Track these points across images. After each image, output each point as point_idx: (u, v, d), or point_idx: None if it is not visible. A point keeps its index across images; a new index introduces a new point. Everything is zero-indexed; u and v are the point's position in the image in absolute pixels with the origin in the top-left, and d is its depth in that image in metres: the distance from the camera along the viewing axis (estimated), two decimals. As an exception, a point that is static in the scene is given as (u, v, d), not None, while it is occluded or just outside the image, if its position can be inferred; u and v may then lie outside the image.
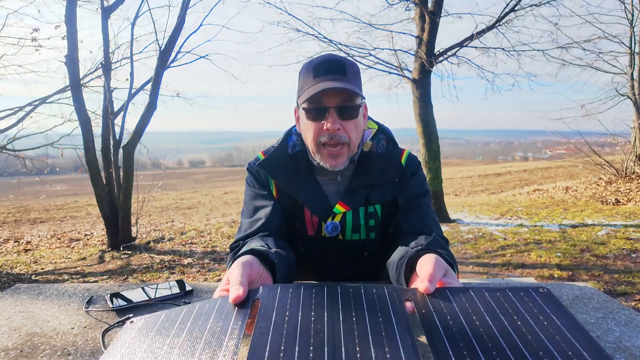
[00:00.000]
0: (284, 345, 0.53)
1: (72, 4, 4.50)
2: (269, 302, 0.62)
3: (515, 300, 0.64)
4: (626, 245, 4.11)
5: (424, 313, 0.61)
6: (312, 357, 0.50)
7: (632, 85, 9.16)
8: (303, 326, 0.57)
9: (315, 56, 1.08)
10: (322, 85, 0.92)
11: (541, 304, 0.63)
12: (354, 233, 1.05)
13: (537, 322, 0.58)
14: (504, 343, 0.54)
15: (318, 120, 0.96)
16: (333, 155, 0.97)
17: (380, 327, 0.58)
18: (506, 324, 0.58)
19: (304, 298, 0.64)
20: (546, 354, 0.51)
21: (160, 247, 5.22)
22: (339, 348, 0.52)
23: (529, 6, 5.90)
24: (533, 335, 0.55)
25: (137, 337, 0.61)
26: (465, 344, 0.53)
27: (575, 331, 0.56)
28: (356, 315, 0.60)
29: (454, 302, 0.63)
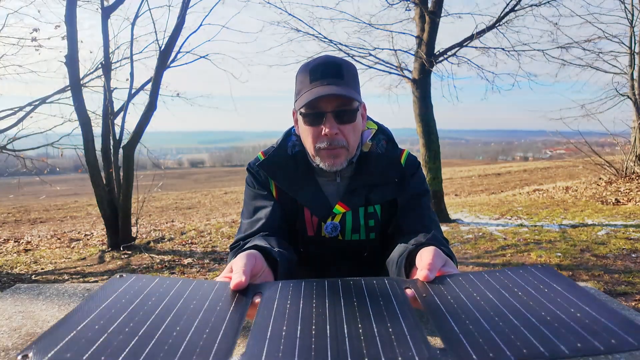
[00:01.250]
0: (286, 326, 0.52)
1: (72, 4, 4.50)
2: (270, 294, 0.63)
3: (515, 277, 0.64)
4: (626, 245, 4.11)
5: (424, 297, 0.61)
6: (314, 336, 0.50)
7: (632, 85, 9.16)
8: (305, 312, 0.57)
9: (312, 57, 1.07)
10: (318, 91, 0.92)
11: (541, 276, 0.63)
12: (353, 233, 1.05)
13: (541, 294, 0.58)
14: (511, 316, 0.53)
15: (315, 125, 0.96)
16: (332, 155, 0.97)
17: (381, 308, 0.58)
18: (510, 298, 0.57)
19: (305, 290, 0.64)
20: (556, 321, 0.50)
21: (160, 247, 5.22)
22: (341, 328, 0.52)
23: (529, 6, 5.90)
24: (539, 306, 0.54)
25: (124, 294, 0.60)
26: (471, 321, 0.53)
27: (579, 295, 0.55)
28: (357, 302, 0.60)
29: (454, 285, 0.64)
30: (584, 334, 0.46)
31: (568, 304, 0.53)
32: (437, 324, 0.53)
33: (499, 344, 0.46)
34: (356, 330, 0.52)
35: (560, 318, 0.50)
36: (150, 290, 0.62)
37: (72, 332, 0.50)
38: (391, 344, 0.49)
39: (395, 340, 0.49)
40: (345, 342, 0.49)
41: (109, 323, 0.53)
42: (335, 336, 0.50)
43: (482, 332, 0.49)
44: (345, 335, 0.50)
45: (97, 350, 0.47)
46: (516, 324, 0.50)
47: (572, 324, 0.48)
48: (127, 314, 0.55)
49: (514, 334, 0.48)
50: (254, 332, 0.51)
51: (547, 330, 0.48)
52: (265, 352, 0.48)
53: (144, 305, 0.57)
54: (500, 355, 0.44)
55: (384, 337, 0.50)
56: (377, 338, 0.50)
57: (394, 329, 0.52)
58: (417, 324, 0.53)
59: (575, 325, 0.48)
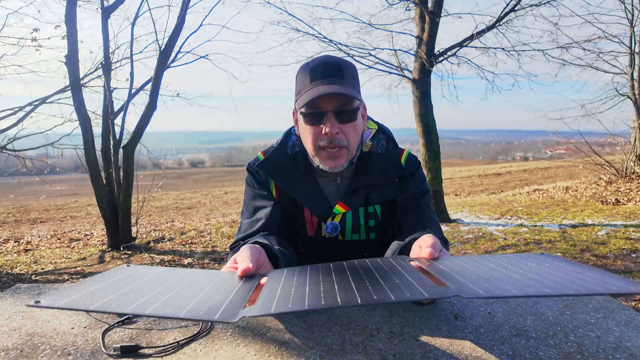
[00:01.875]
0: (295, 287, 0.54)
1: (72, 4, 4.50)
2: (276, 274, 0.65)
3: (516, 258, 0.67)
4: (626, 245, 4.11)
5: (429, 265, 0.64)
6: (323, 290, 0.51)
7: (632, 85, 9.15)
8: (312, 280, 0.58)
9: (312, 57, 1.08)
10: (318, 90, 0.92)
11: (541, 258, 0.66)
12: (353, 233, 1.05)
13: (542, 265, 0.60)
14: (517, 276, 0.55)
15: (316, 125, 0.96)
16: (332, 156, 0.97)
17: (388, 274, 0.59)
18: (514, 268, 0.60)
19: (310, 270, 0.66)
20: (559, 279, 0.53)
21: (160, 247, 5.22)
22: (348, 285, 0.54)
23: (529, 6, 5.90)
24: (542, 272, 0.57)
25: (132, 276, 0.61)
26: (478, 277, 0.55)
27: (579, 266, 0.58)
28: (364, 273, 0.62)
29: (459, 261, 0.67)
30: (585, 284, 0.50)
31: (569, 269, 0.56)
32: (444, 277, 0.55)
33: (504, 287, 0.50)
34: (363, 284, 0.53)
35: (563, 277, 0.53)
36: (158, 274, 0.64)
37: (83, 292, 0.52)
38: (397, 286, 0.50)
39: (402, 284, 0.51)
40: (353, 289, 0.50)
41: (117, 286, 0.54)
42: (343, 287, 0.52)
43: (487, 280, 0.53)
44: (353, 287, 0.52)
45: (107, 301, 0.48)
46: (520, 279, 0.53)
47: (573, 279, 0.52)
48: (137, 285, 0.56)
49: (517, 282, 0.51)
50: (264, 293, 0.53)
51: (549, 281, 0.51)
52: (276, 301, 0.49)
53: (153, 282, 0.59)
54: (504, 291, 0.47)
55: (391, 284, 0.52)
56: (384, 285, 0.51)
57: (401, 280, 0.53)
58: (422, 277, 0.54)
59: (576, 279, 0.52)
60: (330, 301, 0.46)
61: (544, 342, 0.70)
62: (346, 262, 0.69)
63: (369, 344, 0.70)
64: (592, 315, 0.81)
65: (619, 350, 0.67)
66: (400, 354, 0.67)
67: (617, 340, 0.70)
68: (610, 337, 0.72)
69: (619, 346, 0.69)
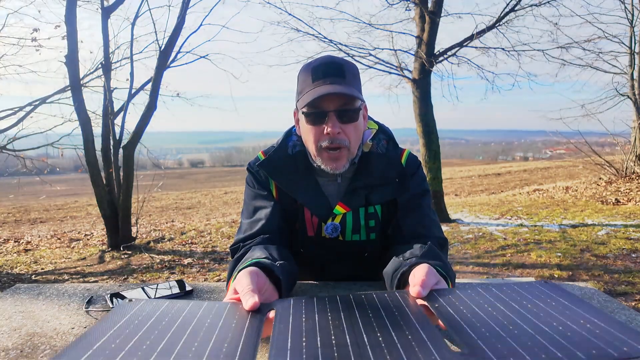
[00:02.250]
0: (306, 340, 0.52)
1: (72, 4, 4.50)
2: (284, 310, 0.62)
3: (522, 290, 0.64)
4: (626, 245, 4.11)
5: (437, 307, 0.61)
6: (336, 346, 0.50)
7: (632, 85, 9.16)
8: (322, 325, 0.56)
9: (314, 57, 1.08)
10: (320, 90, 0.92)
11: (547, 292, 0.62)
12: (354, 234, 1.05)
13: (549, 306, 0.57)
14: (524, 325, 0.52)
15: (318, 125, 0.96)
16: (333, 158, 0.97)
17: (397, 319, 0.58)
18: (520, 309, 0.57)
19: (318, 305, 0.64)
20: (569, 330, 0.50)
21: (160, 247, 5.22)
22: (360, 338, 0.52)
23: (529, 6, 5.90)
24: (550, 317, 0.54)
25: (136, 317, 0.59)
26: (486, 328, 0.53)
27: (587, 309, 0.55)
28: (372, 313, 0.60)
29: (464, 296, 0.64)
30: (596, 342, 0.46)
31: (577, 316, 0.53)
32: (453, 330, 0.53)
33: (517, 349, 0.46)
34: (376, 339, 0.51)
35: (572, 328, 0.50)
36: (162, 312, 0.61)
37: (88, 351, 0.50)
38: (413, 349, 0.48)
39: (417, 346, 0.49)
40: (367, 349, 0.49)
41: (124, 342, 0.52)
42: (356, 345, 0.50)
43: (499, 338, 0.49)
44: (366, 344, 0.50)
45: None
46: (530, 332, 0.50)
47: (584, 334, 0.49)
48: (142, 334, 0.54)
49: (530, 340, 0.48)
50: (274, 348, 0.50)
51: (561, 338, 0.48)
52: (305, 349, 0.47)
53: (158, 326, 0.57)
54: (519, 358, 0.44)
55: (404, 344, 0.50)
56: (398, 345, 0.49)
57: (413, 336, 0.51)
58: (435, 332, 0.52)
59: (587, 335, 0.48)
60: None
61: (544, 342, 0.70)
62: (355, 300, 0.66)
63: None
64: (592, 315, 0.81)
65: (619, 350, 0.67)
66: (400, 354, 0.67)
67: (617, 341, 0.70)
68: (611, 337, 0.72)
69: (619, 346, 0.68)
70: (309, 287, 0.99)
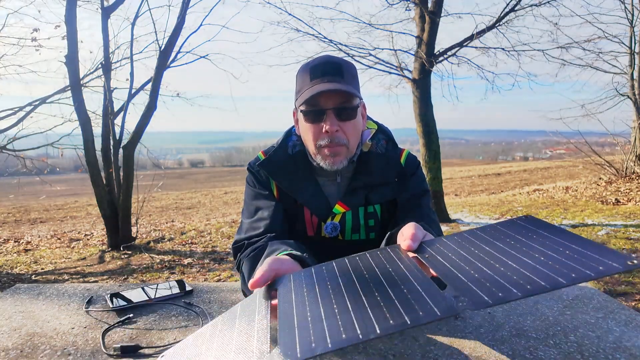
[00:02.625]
0: (310, 311, 0.54)
1: (72, 4, 4.50)
2: (285, 286, 0.65)
3: (504, 229, 0.67)
4: (626, 245, 4.11)
5: (427, 257, 0.64)
6: (339, 314, 0.52)
7: (632, 85, 9.16)
8: (323, 294, 0.59)
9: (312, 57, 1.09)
10: (318, 87, 0.92)
11: (528, 226, 0.66)
12: (353, 233, 1.05)
13: (530, 239, 0.60)
14: (509, 261, 0.55)
15: (316, 123, 0.96)
16: (332, 153, 0.97)
17: (392, 274, 0.60)
18: (504, 247, 0.60)
19: (316, 275, 0.67)
20: (549, 259, 0.53)
21: (160, 247, 5.22)
22: (360, 301, 0.54)
23: (529, 6, 5.90)
24: (531, 249, 0.57)
25: None
26: (474, 270, 0.56)
27: (564, 236, 0.58)
28: (368, 274, 0.62)
29: (451, 243, 0.67)
30: (575, 266, 0.50)
31: (556, 245, 0.56)
32: (445, 277, 0.56)
33: (504, 284, 0.50)
34: (374, 300, 0.53)
35: (552, 256, 0.54)
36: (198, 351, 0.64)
37: None
38: (409, 302, 0.51)
39: (413, 299, 0.51)
40: (368, 312, 0.50)
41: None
42: (358, 309, 0.52)
43: (487, 277, 0.53)
44: (366, 306, 0.52)
45: None
46: (515, 266, 0.54)
47: (563, 260, 0.52)
48: None
49: (515, 274, 0.52)
50: (282, 324, 0.53)
51: (543, 267, 0.52)
52: (298, 341, 0.48)
53: None
54: (508, 293, 0.48)
55: (402, 299, 0.52)
56: (396, 302, 0.52)
57: (408, 290, 0.54)
58: (429, 282, 0.55)
59: (567, 260, 0.52)
60: (350, 334, 0.47)
61: (544, 342, 0.70)
62: (350, 263, 0.68)
63: (369, 344, 0.70)
64: (592, 315, 0.81)
65: (619, 350, 0.67)
66: (400, 354, 0.67)
67: (617, 340, 0.70)
68: (610, 337, 0.72)
69: (619, 346, 0.68)
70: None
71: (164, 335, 0.77)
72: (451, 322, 0.79)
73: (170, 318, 0.85)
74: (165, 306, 0.91)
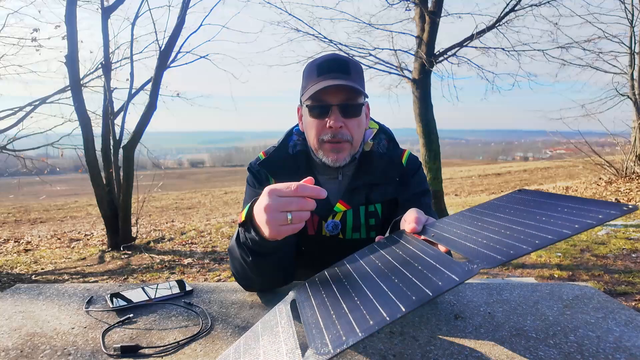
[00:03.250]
0: (333, 309, 0.55)
1: (72, 4, 4.50)
2: (302, 292, 0.66)
3: (502, 202, 0.69)
4: (626, 245, 4.11)
5: (433, 235, 0.65)
6: (362, 303, 0.53)
7: (632, 85, 9.15)
8: (341, 290, 0.60)
9: (314, 57, 1.09)
10: (325, 83, 0.93)
11: (524, 197, 0.67)
12: (354, 232, 1.05)
13: (529, 206, 0.62)
14: (513, 225, 0.57)
15: (321, 118, 0.96)
16: (335, 149, 0.98)
17: (403, 256, 0.61)
18: (506, 216, 0.62)
19: (330, 276, 0.68)
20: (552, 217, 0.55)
21: (160, 247, 5.22)
22: (377, 286, 0.55)
23: (529, 6, 5.90)
24: (533, 214, 0.59)
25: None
26: (482, 237, 0.57)
27: (561, 198, 0.60)
28: (380, 260, 0.64)
29: (453, 220, 0.68)
30: (576, 218, 0.52)
31: (555, 206, 0.59)
32: (454, 248, 0.57)
33: (513, 243, 0.52)
34: (392, 283, 0.54)
35: (553, 215, 0.56)
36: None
37: None
38: (427, 276, 0.52)
39: (429, 272, 0.52)
40: (389, 295, 0.51)
41: None
42: (379, 295, 0.52)
43: (495, 241, 0.54)
44: (386, 290, 0.53)
45: None
46: (519, 229, 0.56)
47: (564, 216, 0.54)
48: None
49: (522, 235, 0.54)
50: (308, 329, 0.53)
51: (547, 225, 0.54)
52: (329, 338, 0.49)
53: None
54: (518, 249, 0.50)
55: (419, 276, 0.53)
56: (413, 278, 0.52)
57: (422, 265, 0.55)
58: (438, 253, 0.56)
59: (567, 216, 0.54)
60: (378, 318, 0.47)
61: (544, 342, 0.70)
62: (362, 257, 0.69)
63: (368, 344, 0.70)
64: (592, 315, 0.81)
65: (619, 350, 0.67)
66: (400, 354, 0.67)
67: (617, 340, 0.70)
68: (610, 337, 0.72)
69: (619, 346, 0.68)
70: (309, 287, 0.99)
71: (164, 335, 0.77)
72: (451, 322, 0.79)
73: (170, 318, 0.85)
74: (165, 306, 0.91)
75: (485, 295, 0.91)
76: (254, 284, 0.94)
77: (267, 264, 0.84)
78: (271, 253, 0.82)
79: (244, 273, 0.89)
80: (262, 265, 0.84)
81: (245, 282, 0.94)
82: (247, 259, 0.83)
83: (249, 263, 0.84)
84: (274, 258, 0.83)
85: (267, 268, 0.86)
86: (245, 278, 0.92)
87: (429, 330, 0.75)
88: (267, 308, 0.88)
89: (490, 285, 0.97)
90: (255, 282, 0.91)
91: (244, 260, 0.84)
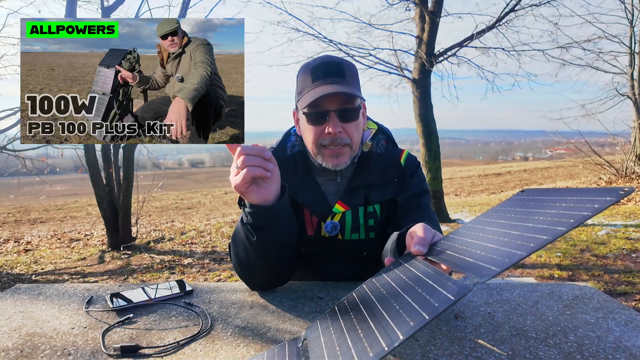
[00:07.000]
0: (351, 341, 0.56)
1: (72, 4, 4.51)
2: (314, 333, 0.66)
3: (504, 207, 0.69)
4: (626, 245, 4.11)
5: (436, 256, 0.66)
6: (364, 336, 0.53)
7: (632, 85, 9.15)
8: (347, 324, 0.60)
9: (313, 57, 1.09)
10: (321, 90, 0.92)
11: (525, 197, 0.68)
12: (353, 233, 1.05)
13: (530, 207, 0.62)
14: (511, 230, 0.57)
15: (319, 125, 0.96)
16: (335, 154, 0.97)
17: (402, 278, 0.62)
18: (506, 221, 0.62)
19: (340, 310, 0.68)
20: (548, 216, 0.55)
21: (160, 247, 5.22)
22: (377, 308, 0.56)
23: (529, 6, 5.91)
24: (531, 215, 0.59)
25: None
26: (479, 248, 0.57)
27: (559, 192, 0.61)
28: (387, 292, 0.63)
29: (455, 235, 0.69)
30: (572, 212, 0.53)
31: (553, 202, 0.59)
32: (454, 266, 0.58)
33: (509, 251, 0.52)
34: (394, 310, 0.54)
35: (551, 213, 0.56)
36: None
37: None
38: (424, 299, 0.52)
39: (428, 295, 0.53)
40: (390, 324, 0.52)
41: None
42: (380, 325, 0.53)
43: (492, 251, 0.55)
44: (387, 319, 0.53)
45: None
46: (517, 234, 0.56)
47: (562, 212, 0.54)
48: None
49: (518, 240, 0.54)
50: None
51: (543, 224, 0.54)
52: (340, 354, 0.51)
53: None
54: (512, 257, 0.50)
55: (416, 299, 0.53)
56: (412, 303, 0.53)
57: (422, 288, 0.55)
58: (439, 274, 0.56)
59: (565, 211, 0.54)
60: (376, 349, 0.48)
61: (544, 342, 0.70)
62: (368, 287, 0.70)
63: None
64: (592, 315, 0.81)
65: (619, 350, 0.67)
66: (400, 354, 0.67)
67: (617, 340, 0.70)
68: (610, 337, 0.72)
69: (619, 346, 0.68)
70: (309, 287, 0.99)
71: (164, 336, 0.77)
72: (451, 322, 0.79)
73: (170, 318, 0.85)
74: (165, 306, 0.91)
75: (485, 295, 0.91)
76: (255, 274, 0.93)
77: (270, 242, 0.86)
78: (272, 227, 0.84)
79: (247, 259, 0.89)
80: (266, 242, 0.85)
81: (247, 273, 0.94)
82: (251, 238, 0.85)
83: (253, 243, 0.86)
84: (275, 233, 0.85)
85: (271, 246, 0.87)
86: (248, 266, 0.91)
87: (429, 330, 0.75)
88: (267, 308, 0.88)
89: (490, 285, 0.97)
90: (256, 270, 0.91)
91: (249, 241, 0.86)
